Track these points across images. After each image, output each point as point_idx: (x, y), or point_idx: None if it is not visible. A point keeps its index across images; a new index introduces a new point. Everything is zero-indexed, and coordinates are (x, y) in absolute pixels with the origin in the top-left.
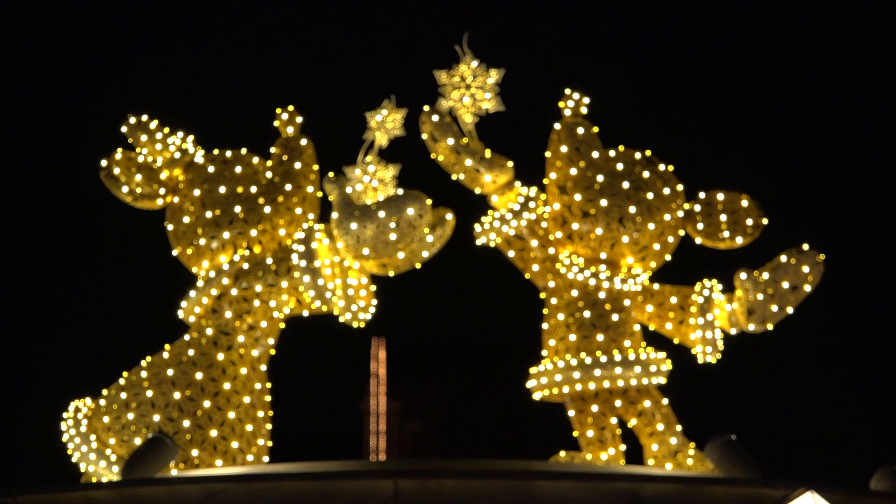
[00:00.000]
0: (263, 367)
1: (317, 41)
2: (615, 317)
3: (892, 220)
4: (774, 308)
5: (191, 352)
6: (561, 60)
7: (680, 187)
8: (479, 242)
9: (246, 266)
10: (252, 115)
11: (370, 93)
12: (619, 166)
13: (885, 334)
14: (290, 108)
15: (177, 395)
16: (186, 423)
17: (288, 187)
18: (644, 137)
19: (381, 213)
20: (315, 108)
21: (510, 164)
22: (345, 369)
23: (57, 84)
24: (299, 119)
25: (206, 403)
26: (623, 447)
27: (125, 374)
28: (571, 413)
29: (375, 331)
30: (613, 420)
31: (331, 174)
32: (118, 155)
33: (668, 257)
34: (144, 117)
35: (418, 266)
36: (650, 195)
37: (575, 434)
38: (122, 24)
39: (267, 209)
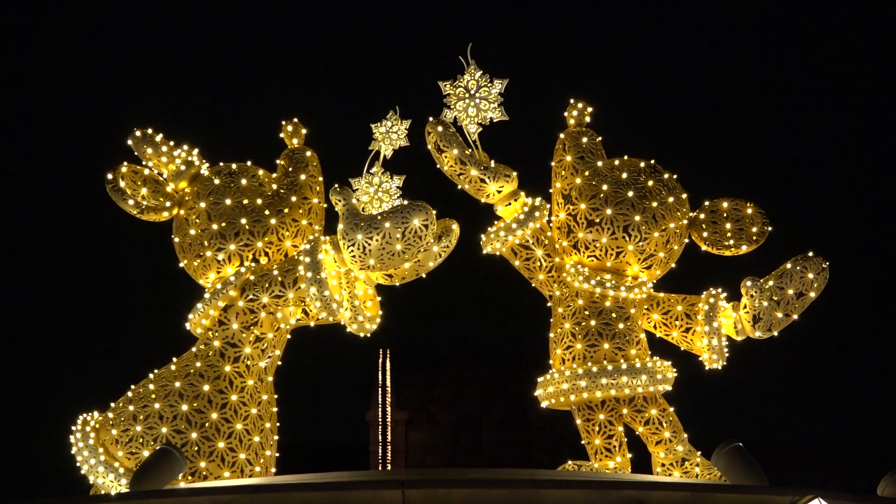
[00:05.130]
0: (270, 379)
1: (322, 53)
2: (621, 325)
3: None
4: (780, 315)
5: (198, 364)
6: (565, 69)
7: (685, 196)
8: (485, 252)
9: (252, 278)
10: (257, 127)
11: (375, 104)
12: (624, 175)
13: (890, 339)
14: (295, 119)
15: (184, 408)
16: (194, 436)
17: (293, 199)
18: (648, 146)
19: (387, 224)
20: (320, 120)
21: (515, 173)
22: (351, 380)
23: (63, 98)
24: (304, 131)
25: (214, 415)
26: (630, 455)
27: (133, 386)
28: (578, 422)
29: (381, 341)
30: (620, 428)
31: (336, 185)
32: (124, 168)
33: (673, 265)
34: (150, 131)
35: (424, 276)
36: (655, 203)
37: (582, 442)
38: (125, 38)
39: (273, 221)
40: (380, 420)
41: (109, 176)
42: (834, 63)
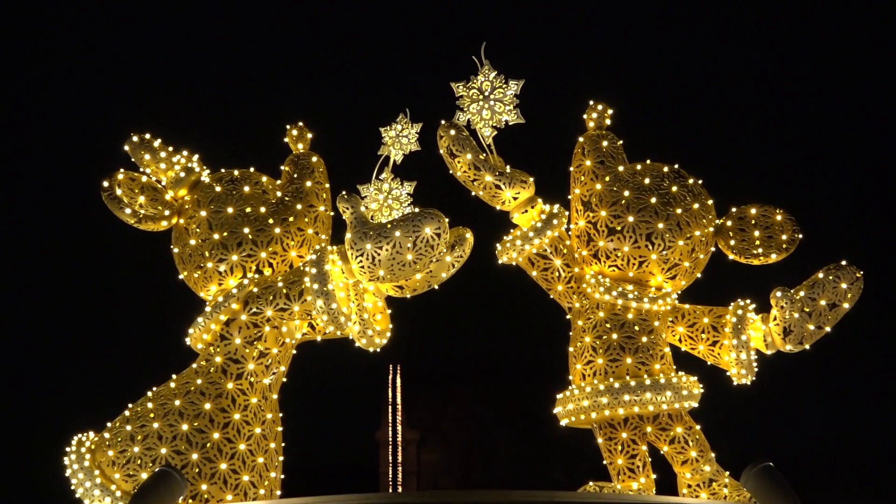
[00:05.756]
0: (275, 396)
1: (328, 53)
2: (644, 339)
3: None
4: (812, 327)
5: (199, 381)
6: (584, 69)
7: (710, 202)
8: (500, 261)
9: (256, 290)
10: (260, 131)
11: (384, 107)
12: (647, 180)
13: None
14: (300, 123)
15: (185, 427)
16: (195, 457)
17: (299, 207)
18: (672, 149)
19: (397, 233)
20: (326, 124)
21: (531, 179)
22: (360, 397)
23: (55, 101)
24: (310, 135)
25: (216, 435)
26: (655, 476)
27: (130, 405)
28: (600, 440)
29: (392, 356)
30: (644, 447)
31: (344, 193)
32: (120, 175)
33: (699, 275)
34: (147, 135)
35: (436, 287)
36: (679, 210)
37: (604, 462)
38: (119, 37)
39: (277, 230)
40: (390, 439)
41: (105, 183)
42: (867, 65)
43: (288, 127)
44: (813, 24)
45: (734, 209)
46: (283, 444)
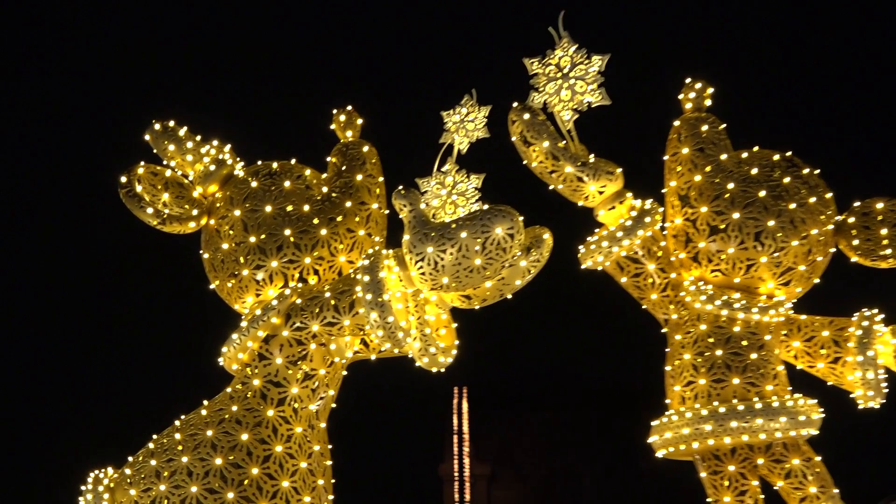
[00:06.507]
0: (323, 425)
1: (379, 24)
2: (754, 355)
3: None
4: None
5: (234, 408)
6: (679, 41)
7: (829, 195)
8: (583, 266)
9: (299, 301)
10: (303, 117)
11: (447, 88)
12: (755, 170)
13: None
14: (349, 107)
15: (218, 462)
16: (231, 496)
17: (348, 204)
18: (784, 134)
19: (464, 234)
20: (379, 108)
21: (619, 170)
22: (421, 425)
23: (65, 85)
24: (360, 121)
25: (255, 471)
26: None
27: (155, 436)
28: (703, 474)
29: (457, 377)
30: (755, 483)
31: (401, 187)
32: (141, 169)
33: (816, 281)
34: (171, 123)
35: (509, 296)
36: (793, 205)
37: (708, 500)
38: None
39: (323, 231)
40: (456, 474)
41: (123, 179)
42: None
43: (335, 111)
44: None
45: (857, 203)
46: (332, 481)
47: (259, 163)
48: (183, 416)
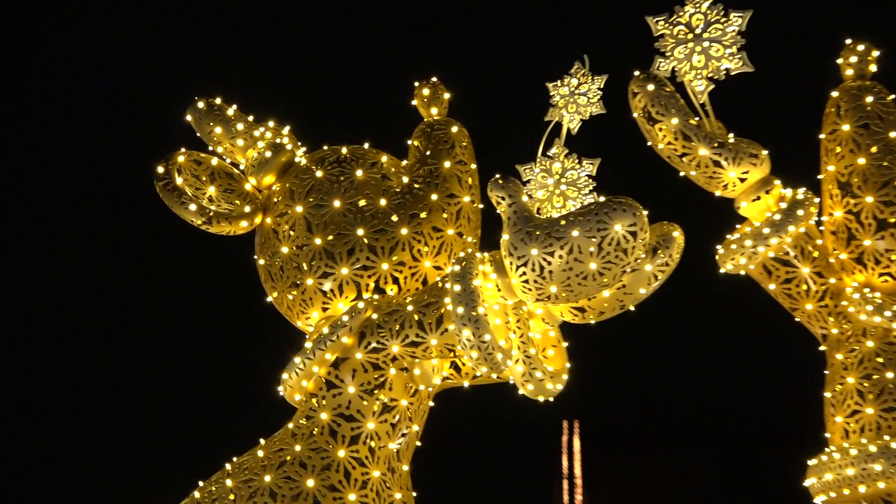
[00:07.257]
0: (406, 468)
1: None
2: None
3: None
4: None
5: (298, 447)
6: None
7: None
8: (723, 271)
9: (376, 317)
10: (377, 92)
11: (552, 54)
12: None
13: None
14: (434, 79)
15: None
16: None
17: (434, 197)
18: None
19: (575, 232)
20: (471, 79)
21: (765, 152)
22: (524, 466)
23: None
24: (447, 96)
25: None
26: None
27: (201, 483)
28: None
29: (568, 409)
30: None
31: (498, 176)
32: (181, 157)
33: None
34: (218, 100)
35: (632, 309)
36: None
37: None
38: None
39: (404, 231)
40: None
41: (160, 169)
42: None
43: (417, 84)
44: None
45: None
46: None
47: (325, 148)
48: (235, 459)
